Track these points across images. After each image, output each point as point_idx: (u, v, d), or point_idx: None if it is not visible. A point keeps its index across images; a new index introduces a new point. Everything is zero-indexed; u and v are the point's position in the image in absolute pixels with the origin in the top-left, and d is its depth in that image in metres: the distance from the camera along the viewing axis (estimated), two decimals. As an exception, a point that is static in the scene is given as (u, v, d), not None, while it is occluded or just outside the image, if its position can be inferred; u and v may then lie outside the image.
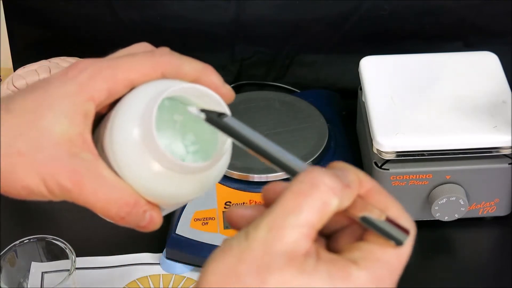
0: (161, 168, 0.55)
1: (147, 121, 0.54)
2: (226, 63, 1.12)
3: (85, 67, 0.57)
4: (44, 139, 0.55)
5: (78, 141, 0.55)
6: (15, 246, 0.82)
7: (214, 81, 0.58)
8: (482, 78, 0.96)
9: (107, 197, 0.56)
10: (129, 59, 0.57)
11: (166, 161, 0.54)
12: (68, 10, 1.07)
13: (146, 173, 0.55)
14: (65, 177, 0.55)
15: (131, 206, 0.56)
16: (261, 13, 1.07)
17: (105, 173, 0.55)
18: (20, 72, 0.97)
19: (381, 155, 0.90)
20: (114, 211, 0.56)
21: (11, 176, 0.55)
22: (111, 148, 0.56)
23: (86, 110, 0.56)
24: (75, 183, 0.55)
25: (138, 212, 0.57)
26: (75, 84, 0.56)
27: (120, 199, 0.56)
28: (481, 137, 0.89)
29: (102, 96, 0.56)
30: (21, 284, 0.84)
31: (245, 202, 0.90)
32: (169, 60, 0.58)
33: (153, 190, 0.56)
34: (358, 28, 1.08)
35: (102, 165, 0.56)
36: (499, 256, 0.94)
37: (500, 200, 0.93)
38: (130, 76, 0.57)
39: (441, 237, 0.95)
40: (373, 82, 0.96)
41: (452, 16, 1.07)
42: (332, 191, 0.48)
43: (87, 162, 0.55)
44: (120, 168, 0.56)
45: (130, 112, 0.55)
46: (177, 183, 0.56)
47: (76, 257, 0.80)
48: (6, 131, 0.55)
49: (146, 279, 0.90)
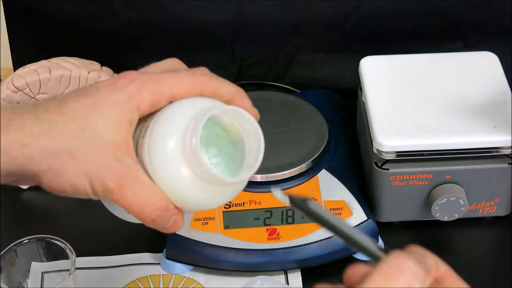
0: (195, 179, 0.61)
1: (191, 137, 0.60)
2: (226, 63, 1.12)
3: (133, 79, 0.62)
4: (94, 143, 0.60)
5: (123, 147, 0.61)
6: (15, 246, 0.82)
7: (246, 103, 0.65)
8: (482, 78, 0.96)
9: (144, 200, 0.61)
10: (173, 75, 0.63)
11: (208, 174, 0.61)
12: (68, 10, 1.07)
13: (180, 181, 0.61)
14: (110, 179, 0.60)
15: (163, 209, 0.62)
16: (261, 13, 1.07)
17: (143, 178, 0.61)
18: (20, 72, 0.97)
19: (381, 155, 0.90)
20: (148, 213, 0.62)
21: (61, 174, 0.60)
22: (148, 156, 0.61)
23: (132, 118, 0.61)
24: (118, 185, 0.61)
25: (167, 216, 0.63)
26: (124, 94, 0.61)
27: (154, 202, 0.62)
28: (481, 137, 0.89)
29: (146, 107, 0.62)
30: (21, 284, 0.84)
31: (245, 202, 0.90)
32: (208, 80, 0.64)
33: (183, 197, 0.62)
34: (358, 28, 1.08)
35: (140, 170, 0.61)
36: (499, 256, 0.94)
37: (500, 200, 0.93)
38: (173, 91, 0.62)
39: (441, 237, 0.95)
40: (373, 82, 0.96)
41: (452, 16, 1.07)
42: (416, 277, 0.51)
43: (129, 167, 0.61)
44: (155, 175, 0.61)
45: (172, 125, 0.61)
46: (206, 193, 0.63)
47: (76, 257, 0.80)
48: (59, 133, 0.60)
49: (146, 279, 0.90)
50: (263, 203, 0.90)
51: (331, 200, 0.91)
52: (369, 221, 0.90)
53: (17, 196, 1.00)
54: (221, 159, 0.65)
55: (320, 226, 0.56)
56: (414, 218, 0.94)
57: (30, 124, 0.60)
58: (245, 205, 0.90)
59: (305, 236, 0.89)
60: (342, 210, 0.90)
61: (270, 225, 0.90)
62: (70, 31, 1.09)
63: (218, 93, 0.64)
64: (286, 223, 0.90)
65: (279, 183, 0.91)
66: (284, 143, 0.94)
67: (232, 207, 0.90)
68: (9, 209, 0.99)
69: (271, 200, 0.90)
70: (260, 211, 0.90)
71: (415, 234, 0.95)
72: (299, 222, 0.90)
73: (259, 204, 0.90)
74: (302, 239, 0.89)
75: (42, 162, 0.60)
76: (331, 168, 0.93)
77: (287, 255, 0.89)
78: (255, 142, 0.64)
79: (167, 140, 0.61)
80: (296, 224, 0.90)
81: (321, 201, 0.90)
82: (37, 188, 1.00)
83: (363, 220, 0.90)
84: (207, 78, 0.64)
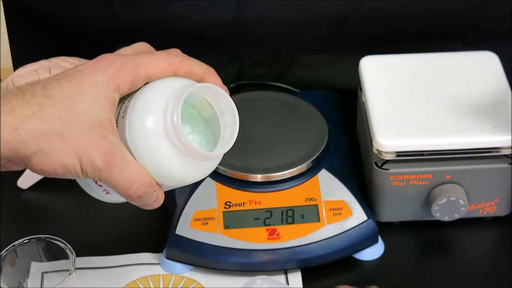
0: (175, 154, 0.64)
1: (172, 113, 0.62)
2: (226, 63, 1.12)
3: (112, 61, 0.65)
4: (81, 123, 0.62)
5: (108, 126, 0.63)
6: (15, 246, 0.82)
7: (217, 81, 0.68)
8: (482, 78, 0.96)
9: (130, 177, 0.63)
10: (149, 57, 0.66)
11: (190, 149, 0.63)
12: (68, 10, 1.07)
13: (161, 157, 0.64)
14: (99, 158, 0.62)
15: (148, 186, 0.64)
16: (261, 13, 1.07)
17: (128, 156, 0.64)
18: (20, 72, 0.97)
19: (381, 155, 0.90)
20: (134, 189, 0.64)
21: (51, 155, 0.62)
22: (129, 135, 0.64)
23: (113, 98, 0.64)
24: (106, 163, 0.63)
25: (151, 192, 0.65)
26: (105, 75, 0.64)
27: (140, 179, 0.64)
28: (481, 137, 0.89)
29: (126, 88, 0.64)
30: (21, 284, 0.84)
31: (245, 202, 0.90)
32: (182, 60, 0.67)
33: (164, 173, 0.65)
34: (358, 28, 1.08)
35: (124, 149, 0.64)
36: (499, 256, 0.94)
37: (500, 200, 0.93)
38: (150, 72, 0.65)
39: (441, 237, 0.95)
40: (373, 82, 0.96)
41: (452, 16, 1.07)
42: None
43: (115, 145, 0.63)
44: (137, 153, 0.64)
45: (150, 103, 0.64)
46: (186, 168, 0.65)
47: (76, 257, 0.80)
48: (47, 114, 0.62)
49: (146, 279, 0.90)
50: (263, 203, 0.90)
51: (331, 200, 0.91)
52: (369, 221, 0.90)
53: (17, 196, 1.00)
54: (194, 136, 0.68)
55: (319, 227, 0.56)
56: (414, 218, 0.94)
57: (19, 108, 0.62)
58: (245, 205, 0.90)
59: (305, 236, 0.89)
60: (342, 210, 0.90)
61: (270, 225, 0.90)
62: (70, 31, 1.09)
63: (191, 72, 0.67)
64: (286, 223, 0.90)
65: (279, 183, 0.91)
66: (284, 143, 0.94)
67: (232, 207, 0.90)
68: (9, 209, 0.99)
69: (271, 200, 0.90)
70: (260, 211, 0.90)
71: (415, 234, 0.95)
72: (299, 222, 0.90)
73: (259, 204, 0.90)
74: (302, 239, 0.89)
75: (32, 144, 0.62)
76: (331, 168, 0.93)
77: (287, 255, 0.89)
78: (231, 117, 0.67)
79: (147, 118, 0.63)
80: (296, 224, 0.90)
81: (321, 201, 0.90)
82: (37, 188, 1.01)
83: (363, 220, 0.90)
84: (180, 58, 0.67)
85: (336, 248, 0.89)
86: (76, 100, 0.63)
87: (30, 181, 1.00)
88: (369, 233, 0.90)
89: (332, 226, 0.89)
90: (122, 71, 0.64)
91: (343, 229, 0.90)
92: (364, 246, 0.91)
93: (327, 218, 0.90)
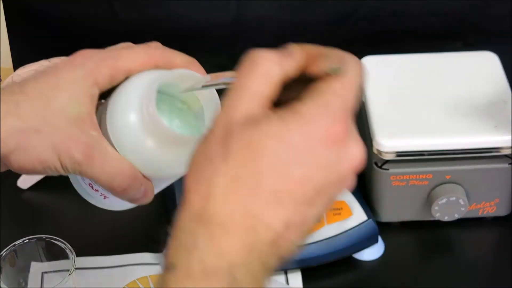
0: (157, 143, 0.63)
1: (148, 102, 0.61)
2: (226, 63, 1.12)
3: (90, 56, 0.64)
4: (59, 119, 0.62)
5: (87, 120, 0.62)
6: (15, 246, 0.82)
7: (200, 71, 0.67)
8: (482, 78, 0.96)
9: (112, 170, 0.62)
10: (128, 51, 0.65)
11: (164, 131, 0.62)
12: (68, 10, 1.07)
13: (143, 148, 0.63)
14: (78, 151, 0.62)
15: (132, 178, 0.63)
16: (261, 13, 1.07)
17: (109, 149, 0.63)
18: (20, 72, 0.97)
19: (381, 155, 0.90)
20: (118, 182, 0.63)
21: (29, 152, 0.62)
22: (111, 129, 0.63)
23: (92, 93, 0.63)
24: (86, 157, 0.62)
25: (137, 185, 0.64)
26: (82, 70, 0.63)
27: (123, 171, 0.63)
28: (481, 137, 0.89)
29: (105, 82, 0.63)
30: (21, 284, 0.84)
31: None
32: (162, 53, 0.66)
33: (149, 164, 0.64)
34: (358, 28, 1.08)
35: (106, 142, 0.63)
36: (499, 256, 0.94)
37: (500, 200, 0.93)
38: (129, 66, 0.64)
39: (441, 237, 0.95)
40: (373, 82, 0.96)
41: (452, 16, 1.07)
42: (271, 62, 0.53)
43: (95, 139, 0.62)
44: (119, 146, 0.63)
45: (129, 95, 0.63)
46: (172, 157, 0.64)
47: (76, 257, 0.80)
48: (23, 111, 0.61)
49: (146, 279, 0.90)
50: (263, 203, 0.90)
51: (331, 200, 0.90)
52: (369, 221, 0.90)
53: (17, 196, 1.00)
54: (185, 130, 0.67)
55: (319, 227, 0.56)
56: (414, 218, 0.94)
57: None
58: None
59: (305, 236, 0.89)
60: (342, 210, 0.90)
61: (270, 225, 0.89)
62: (70, 31, 1.09)
63: (172, 64, 0.66)
64: (286, 223, 0.90)
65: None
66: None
67: (232, 207, 0.90)
68: (9, 209, 0.99)
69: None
70: (260, 211, 0.90)
71: (415, 234, 0.95)
72: (299, 222, 0.90)
73: (259, 204, 0.90)
74: (302, 239, 0.89)
75: (10, 141, 0.61)
76: (331, 168, 0.93)
77: (287, 255, 0.89)
78: (215, 106, 0.66)
79: (125, 109, 0.63)
80: (296, 224, 0.90)
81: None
82: (37, 188, 1.01)
83: (363, 220, 0.90)
84: (161, 51, 0.66)
85: (336, 248, 0.89)
86: (53, 96, 0.62)
87: (30, 181, 1.00)
88: (369, 233, 0.90)
89: (332, 226, 0.89)
90: (100, 65, 0.64)
91: (343, 229, 0.89)
92: (364, 246, 0.91)
93: (327, 218, 0.90)
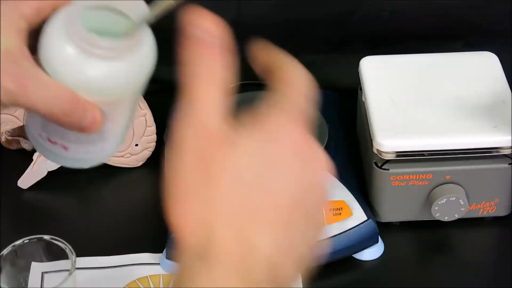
0: (88, 61, 0.62)
1: (72, 17, 0.62)
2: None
3: None
4: None
5: (17, 52, 0.62)
6: (15, 246, 0.82)
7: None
8: (482, 78, 0.96)
9: (49, 95, 0.62)
10: None
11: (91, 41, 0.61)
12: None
13: (75, 68, 0.62)
14: (9, 81, 0.61)
15: (72, 101, 0.62)
16: (261, 13, 1.07)
17: (44, 77, 0.62)
18: (20, 72, 0.97)
19: (381, 155, 0.90)
20: (57, 107, 0.62)
21: None
22: (42, 58, 0.63)
23: (19, 26, 0.63)
24: (18, 86, 0.61)
25: (80, 109, 0.62)
26: (7, 4, 0.64)
27: (60, 94, 0.62)
28: (481, 137, 0.89)
29: (32, 14, 0.64)
30: (21, 284, 0.84)
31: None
32: None
33: (88, 83, 0.62)
34: (358, 28, 1.08)
35: (40, 71, 0.62)
36: (499, 256, 0.94)
37: (500, 200, 0.93)
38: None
39: (441, 237, 0.95)
40: (373, 82, 0.96)
41: (452, 16, 1.07)
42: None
43: (27, 68, 0.62)
44: (53, 71, 0.62)
45: (54, 20, 0.63)
46: (105, 73, 0.62)
47: (76, 257, 0.80)
48: None
49: (146, 279, 0.90)
50: (263, 203, 0.90)
51: (331, 200, 0.90)
52: (369, 221, 0.90)
53: (17, 196, 1.00)
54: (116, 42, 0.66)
55: None
56: (414, 218, 0.94)
57: None
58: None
59: (305, 236, 0.89)
60: (342, 210, 0.90)
61: (270, 225, 0.89)
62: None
63: None
64: (286, 223, 0.90)
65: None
66: (284, 143, 0.94)
67: (232, 207, 0.90)
68: (9, 209, 0.99)
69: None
70: (260, 211, 0.90)
71: (415, 234, 0.95)
72: (299, 222, 0.90)
73: (259, 204, 0.90)
74: (302, 239, 0.89)
75: None
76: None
77: (287, 255, 0.89)
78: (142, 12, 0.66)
79: (52, 33, 0.63)
80: (296, 224, 0.90)
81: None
82: (37, 188, 1.01)
83: (363, 220, 0.90)
84: None
85: (336, 248, 0.89)
86: None
87: (30, 181, 1.00)
88: (369, 233, 0.90)
89: (332, 226, 0.89)
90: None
91: (343, 229, 0.89)
92: (364, 246, 0.91)
93: (327, 218, 0.89)
